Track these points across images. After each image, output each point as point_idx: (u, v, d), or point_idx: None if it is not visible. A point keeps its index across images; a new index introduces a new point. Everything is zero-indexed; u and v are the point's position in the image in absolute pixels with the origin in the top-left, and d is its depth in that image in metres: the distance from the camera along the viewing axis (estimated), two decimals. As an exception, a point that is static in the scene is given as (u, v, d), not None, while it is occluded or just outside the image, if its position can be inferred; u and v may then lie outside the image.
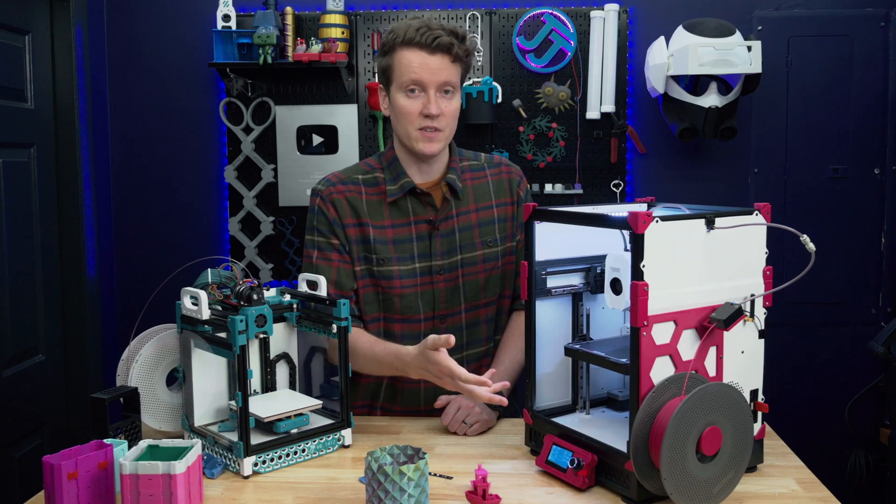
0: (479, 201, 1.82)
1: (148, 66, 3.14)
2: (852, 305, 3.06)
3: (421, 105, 1.69)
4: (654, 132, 3.05)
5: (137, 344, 1.62)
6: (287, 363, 1.68)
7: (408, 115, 1.70)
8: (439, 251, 1.78)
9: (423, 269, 1.77)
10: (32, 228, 2.67)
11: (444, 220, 1.79)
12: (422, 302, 1.78)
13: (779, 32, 2.99)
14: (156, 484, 1.26)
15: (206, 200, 3.18)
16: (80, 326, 2.87)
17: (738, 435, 1.28)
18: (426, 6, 3.07)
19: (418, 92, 1.69)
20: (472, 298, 1.81)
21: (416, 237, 1.77)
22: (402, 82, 1.69)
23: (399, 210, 1.77)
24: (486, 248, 1.80)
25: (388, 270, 1.76)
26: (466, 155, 1.88)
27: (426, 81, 1.67)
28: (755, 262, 1.41)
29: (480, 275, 1.80)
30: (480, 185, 1.84)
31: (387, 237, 1.76)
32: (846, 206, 3.04)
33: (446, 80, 1.68)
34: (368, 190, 1.78)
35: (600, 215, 1.39)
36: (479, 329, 1.83)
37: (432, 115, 1.68)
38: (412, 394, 1.82)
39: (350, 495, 1.37)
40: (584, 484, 1.36)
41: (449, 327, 1.79)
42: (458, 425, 1.67)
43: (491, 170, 1.87)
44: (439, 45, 1.65)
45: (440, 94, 1.69)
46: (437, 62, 1.67)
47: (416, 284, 1.77)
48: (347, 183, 1.79)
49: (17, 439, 2.55)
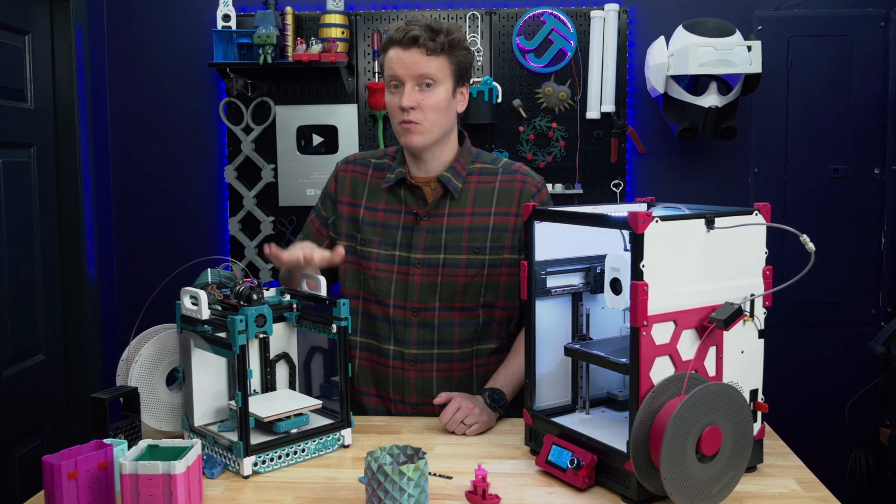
0: (477, 206, 1.81)
1: (148, 66, 3.14)
2: (852, 305, 3.06)
3: (398, 99, 1.74)
4: (654, 132, 3.05)
5: (137, 344, 1.62)
6: (287, 363, 1.68)
7: (391, 108, 1.78)
8: (420, 245, 1.80)
9: (402, 258, 1.81)
10: (32, 228, 2.67)
11: (431, 216, 1.81)
12: (394, 289, 1.82)
13: (779, 32, 2.99)
14: (156, 484, 1.26)
15: (206, 200, 3.18)
16: (80, 326, 2.87)
17: (737, 435, 1.28)
18: (426, 6, 3.07)
19: (399, 86, 1.75)
20: (448, 300, 1.81)
21: (402, 226, 1.82)
22: (387, 78, 1.77)
23: (395, 197, 1.84)
24: (471, 253, 1.79)
25: (368, 252, 1.84)
26: (484, 158, 1.88)
27: (401, 75, 1.73)
28: (755, 262, 1.41)
29: (461, 279, 1.80)
30: (484, 190, 1.82)
31: (376, 220, 1.84)
32: (846, 206, 3.04)
33: (422, 74, 1.72)
34: (375, 174, 1.88)
35: (600, 215, 1.39)
36: (452, 331, 1.82)
37: (405, 108, 1.73)
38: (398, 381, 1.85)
39: (350, 495, 1.37)
40: (584, 484, 1.36)
41: (421, 321, 1.82)
42: (457, 425, 1.67)
43: (503, 176, 1.84)
44: (410, 39, 1.71)
45: (418, 87, 1.73)
46: (411, 56, 1.72)
47: (391, 271, 1.82)
48: (358, 164, 1.91)
49: (17, 439, 2.55)
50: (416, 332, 1.82)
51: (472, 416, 1.68)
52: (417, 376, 1.82)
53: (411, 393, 1.84)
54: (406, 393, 1.84)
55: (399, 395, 1.85)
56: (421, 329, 1.82)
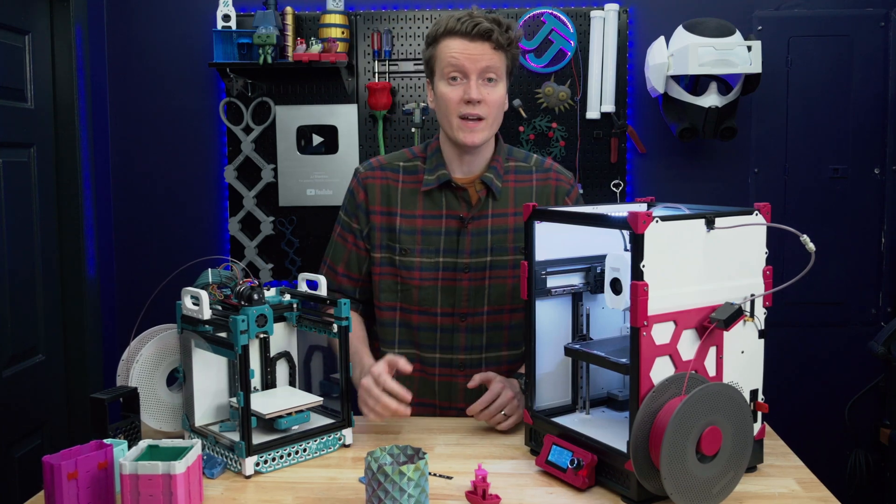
0: (519, 205, 1.78)
1: (148, 66, 3.14)
2: (852, 305, 3.06)
3: (462, 92, 1.67)
4: (654, 132, 3.05)
5: (138, 344, 1.62)
6: (287, 361, 1.68)
7: (449, 102, 1.69)
8: (467, 249, 1.76)
9: (448, 264, 1.77)
10: (32, 228, 2.67)
11: (476, 218, 1.77)
12: (441, 296, 1.77)
13: (779, 32, 2.99)
14: (156, 484, 1.25)
15: (206, 200, 3.18)
16: (80, 326, 2.87)
17: (738, 435, 1.28)
18: (426, 6, 3.07)
19: (460, 79, 1.68)
20: (497, 302, 1.78)
21: (445, 231, 1.77)
22: (444, 70, 1.69)
23: (433, 201, 1.77)
24: (517, 254, 1.77)
25: (410, 261, 1.76)
26: (516, 155, 1.85)
27: (467, 68, 1.66)
28: (755, 262, 1.41)
29: (509, 280, 1.77)
30: (523, 189, 1.80)
31: (415, 227, 1.77)
32: (846, 206, 3.04)
33: (488, 66, 1.67)
34: (406, 178, 1.80)
35: (600, 215, 1.38)
36: (501, 334, 1.80)
37: (473, 101, 1.66)
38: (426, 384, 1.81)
39: (350, 495, 1.37)
40: (584, 484, 1.36)
41: (469, 326, 1.78)
42: (495, 416, 1.62)
43: (538, 174, 1.83)
44: (479, 32, 1.65)
45: (482, 81, 1.68)
46: (478, 49, 1.66)
47: (436, 278, 1.77)
48: (387, 169, 1.81)
49: (17, 439, 2.55)
50: (465, 338, 1.78)
51: (511, 406, 1.63)
52: (466, 381, 1.74)
53: (458, 398, 1.80)
54: (453, 398, 1.80)
55: (446, 401, 1.80)
56: (469, 335, 1.78)
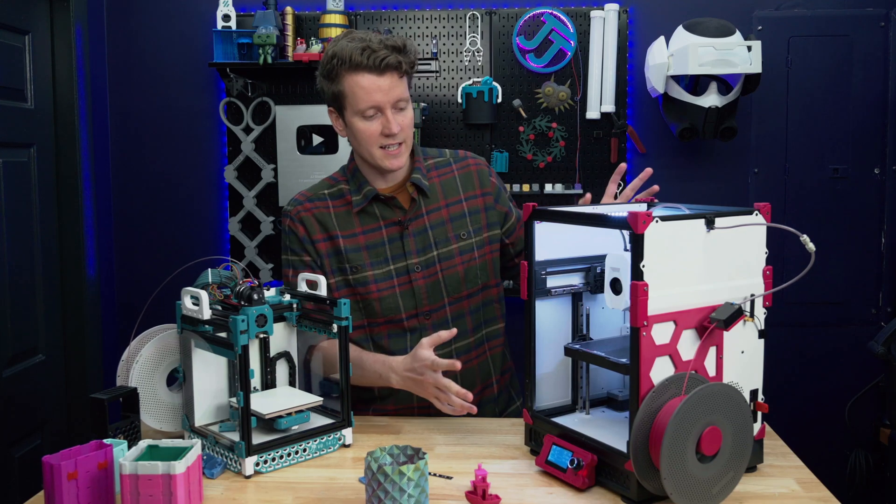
0: (449, 196, 1.84)
1: (148, 66, 3.14)
2: (852, 305, 3.06)
3: (380, 125, 1.71)
4: (654, 132, 3.05)
5: (138, 344, 1.62)
6: (287, 361, 1.68)
7: (369, 137, 1.72)
8: (413, 250, 1.80)
9: (400, 269, 1.80)
10: (32, 228, 2.67)
11: (413, 219, 1.81)
12: (402, 301, 1.80)
13: (779, 32, 2.99)
14: (155, 484, 1.26)
15: (206, 200, 3.18)
16: (80, 326, 2.87)
17: (738, 435, 1.28)
18: (426, 6, 3.07)
19: (375, 113, 1.71)
20: (454, 291, 1.82)
21: (388, 240, 1.80)
22: (359, 108, 1.70)
23: (368, 216, 1.81)
24: (460, 241, 1.82)
25: (364, 277, 1.78)
26: (431, 153, 1.91)
27: (381, 103, 1.69)
28: (755, 262, 1.41)
29: (459, 267, 1.82)
30: (448, 181, 1.86)
31: (359, 244, 1.80)
32: (846, 206, 3.04)
33: (399, 97, 1.70)
34: (335, 203, 1.82)
35: (600, 215, 1.39)
36: (464, 321, 1.83)
37: (393, 134, 1.71)
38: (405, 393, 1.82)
39: (350, 495, 1.37)
40: (584, 484, 1.36)
41: (434, 322, 1.80)
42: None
43: (457, 164, 1.89)
44: (388, 66, 1.67)
45: (395, 110, 1.71)
46: (387, 81, 1.68)
47: (393, 286, 1.79)
48: (314, 200, 1.83)
49: (17, 439, 2.55)
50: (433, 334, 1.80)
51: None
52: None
53: None
54: None
55: (424, 400, 1.77)
56: (436, 329, 1.78)
